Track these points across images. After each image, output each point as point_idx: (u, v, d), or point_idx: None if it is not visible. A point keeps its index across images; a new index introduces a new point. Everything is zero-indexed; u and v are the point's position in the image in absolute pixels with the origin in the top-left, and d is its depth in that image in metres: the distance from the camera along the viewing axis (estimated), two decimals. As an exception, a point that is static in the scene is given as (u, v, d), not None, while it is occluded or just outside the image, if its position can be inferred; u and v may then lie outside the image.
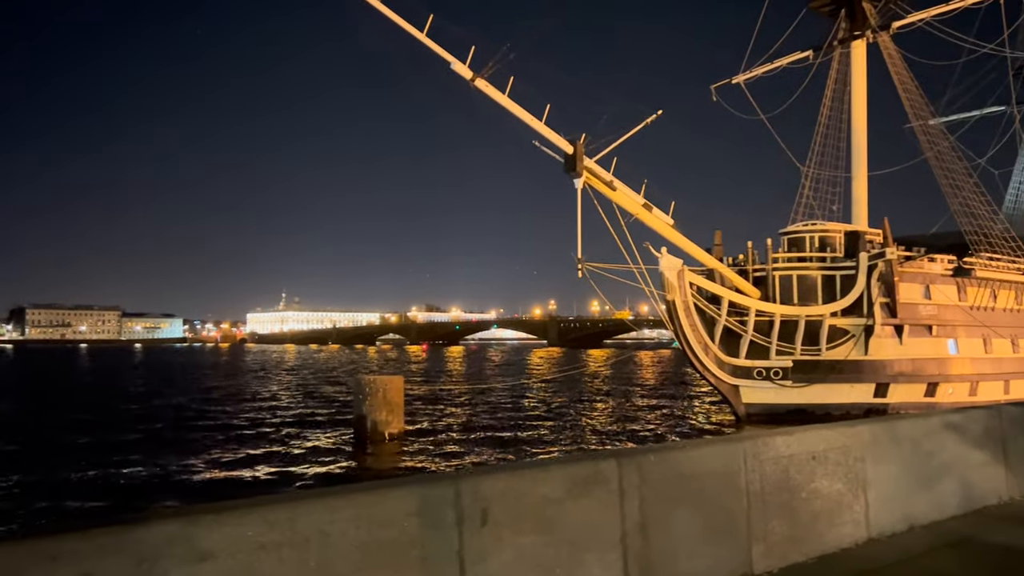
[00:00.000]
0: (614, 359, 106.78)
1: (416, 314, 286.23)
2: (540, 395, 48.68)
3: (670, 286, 33.88)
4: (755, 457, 6.29)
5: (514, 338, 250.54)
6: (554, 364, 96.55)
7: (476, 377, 69.28)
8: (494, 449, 26.55)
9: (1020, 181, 58.80)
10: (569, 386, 54.98)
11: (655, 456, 5.87)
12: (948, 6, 42.53)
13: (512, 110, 30.05)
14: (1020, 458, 8.58)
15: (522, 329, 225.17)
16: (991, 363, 39.88)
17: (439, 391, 50.25)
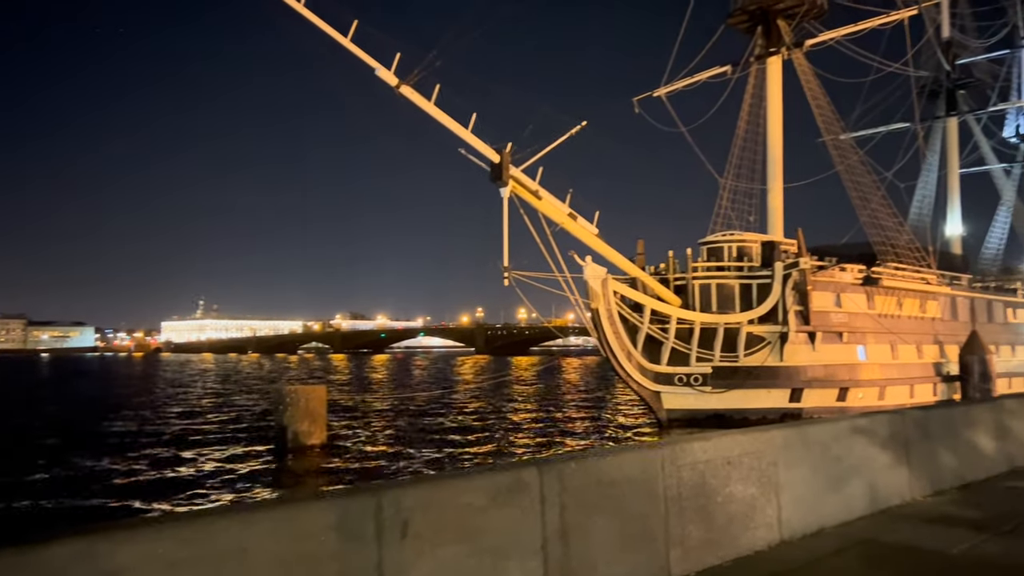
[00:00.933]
0: (540, 366, 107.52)
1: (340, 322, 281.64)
2: (466, 403, 48.58)
3: (594, 294, 34.36)
4: (673, 463, 6.43)
5: (441, 346, 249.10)
6: (481, 372, 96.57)
7: (401, 386, 68.69)
8: (418, 459, 26.35)
9: (924, 196, 61.88)
10: (495, 394, 55.05)
11: (576, 464, 5.94)
12: (857, 27, 44.63)
13: (438, 118, 30.03)
14: (922, 460, 9.02)
15: (449, 337, 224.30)
16: (897, 368, 41.81)
17: (363, 400, 49.62)
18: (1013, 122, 74.19)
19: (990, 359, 42.31)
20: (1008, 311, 54.67)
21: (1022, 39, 73.08)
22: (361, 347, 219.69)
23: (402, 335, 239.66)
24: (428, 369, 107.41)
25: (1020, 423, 11.23)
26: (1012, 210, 71.60)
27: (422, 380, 79.53)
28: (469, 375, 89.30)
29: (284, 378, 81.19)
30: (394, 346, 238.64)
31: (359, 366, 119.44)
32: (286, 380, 74.72)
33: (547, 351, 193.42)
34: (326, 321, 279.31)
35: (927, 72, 62.39)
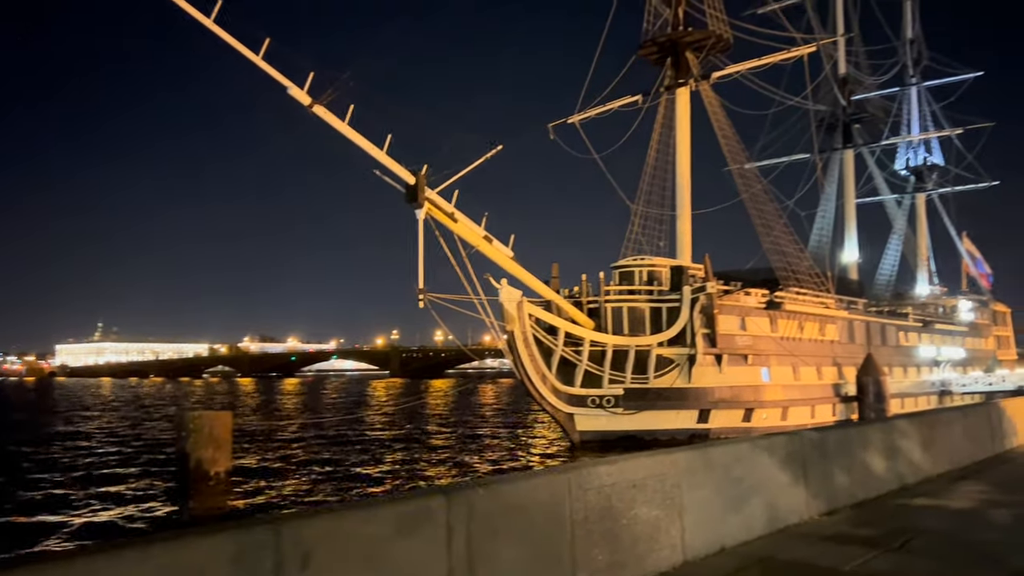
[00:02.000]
0: (456, 389, 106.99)
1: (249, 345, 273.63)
2: (378, 429, 47.82)
3: (510, 317, 34.50)
4: (580, 487, 6.47)
5: (354, 369, 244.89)
6: (395, 395, 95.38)
7: (311, 411, 67.08)
8: (326, 487, 25.72)
9: (823, 223, 64.91)
10: (409, 418, 54.41)
11: (484, 490, 5.91)
12: (760, 61, 46.69)
13: (352, 138, 29.74)
14: (819, 480, 9.36)
15: (363, 359, 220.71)
16: (799, 389, 43.48)
17: (271, 426, 48.21)
18: (903, 155, 78.84)
19: (884, 380, 44.40)
20: (900, 334, 57.72)
21: (911, 78, 78.00)
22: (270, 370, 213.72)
23: (314, 358, 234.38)
24: (340, 393, 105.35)
25: (910, 443, 11.81)
26: (903, 238, 75.88)
27: (333, 405, 77.91)
28: (383, 399, 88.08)
29: (187, 403, 78.18)
30: (305, 369, 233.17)
31: (268, 390, 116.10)
32: (189, 405, 71.96)
33: (463, 374, 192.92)
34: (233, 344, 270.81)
35: (825, 106, 65.76)
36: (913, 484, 11.20)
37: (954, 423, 13.54)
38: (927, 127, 78.03)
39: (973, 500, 10.19)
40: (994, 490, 10.90)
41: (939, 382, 57.88)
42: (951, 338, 66.24)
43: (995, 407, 16.39)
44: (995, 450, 15.00)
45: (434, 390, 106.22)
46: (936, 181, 78.99)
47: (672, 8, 45.37)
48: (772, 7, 57.28)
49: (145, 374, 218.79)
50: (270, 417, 58.11)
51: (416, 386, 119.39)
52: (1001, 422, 15.86)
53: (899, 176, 78.70)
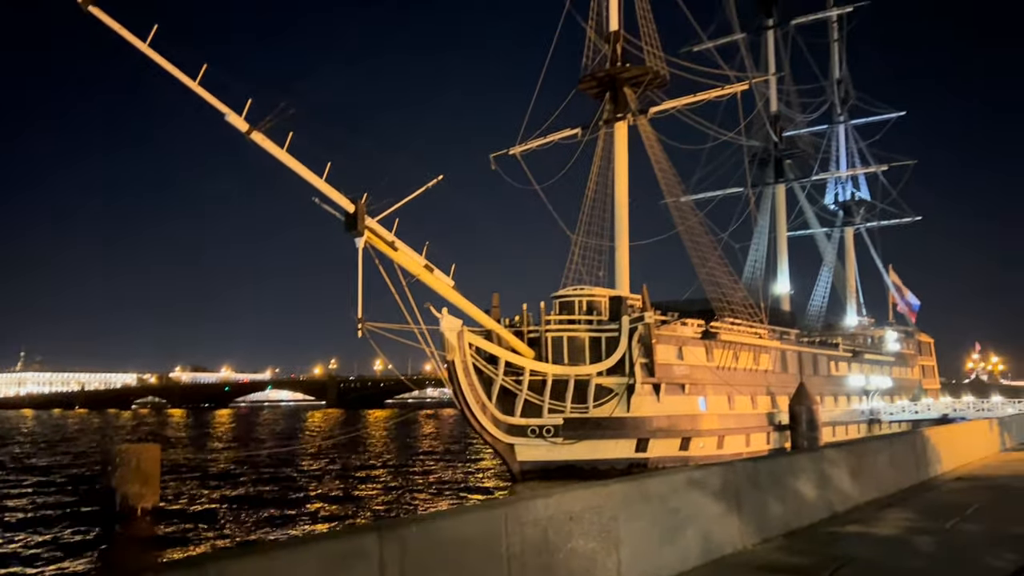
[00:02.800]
0: (395, 420, 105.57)
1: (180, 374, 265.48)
2: (312, 461, 46.79)
3: (450, 346, 34.31)
4: (516, 521, 6.40)
5: (290, 399, 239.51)
6: (331, 426, 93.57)
7: (244, 443, 65.27)
8: (256, 523, 24.97)
9: (756, 256, 66.63)
10: (346, 450, 53.40)
11: (418, 527, 5.80)
12: (696, 98, 47.97)
13: (291, 165, 29.41)
14: (752, 510, 9.48)
15: (299, 389, 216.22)
16: (735, 418, 44.21)
17: (201, 459, 46.74)
18: (832, 190, 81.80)
19: (816, 409, 45.54)
20: (831, 364, 59.37)
21: (839, 116, 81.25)
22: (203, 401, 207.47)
23: (248, 388, 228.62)
24: (275, 424, 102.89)
25: (839, 472, 12.08)
26: (832, 270, 78.40)
27: (267, 436, 76.02)
28: (319, 430, 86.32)
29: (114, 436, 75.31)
30: (239, 400, 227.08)
31: (199, 422, 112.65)
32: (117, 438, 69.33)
33: (403, 404, 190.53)
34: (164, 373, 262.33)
35: (758, 142, 67.87)
36: (843, 512, 11.44)
37: (881, 452, 13.92)
38: (854, 163, 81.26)
39: (899, 527, 10.45)
40: (919, 517, 11.20)
41: (868, 411, 59.65)
42: (879, 368, 68.43)
43: (919, 436, 16.92)
44: (920, 478, 15.45)
45: (372, 421, 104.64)
46: (863, 215, 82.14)
47: (611, 44, 46.40)
48: (707, 45, 59.21)
49: (70, 405, 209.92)
50: (201, 450, 56.31)
51: (354, 417, 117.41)
52: (925, 450, 16.37)
53: (828, 210, 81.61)
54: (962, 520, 10.99)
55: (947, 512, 11.60)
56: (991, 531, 10.17)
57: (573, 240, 46.88)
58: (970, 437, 21.69)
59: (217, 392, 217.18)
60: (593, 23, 46.61)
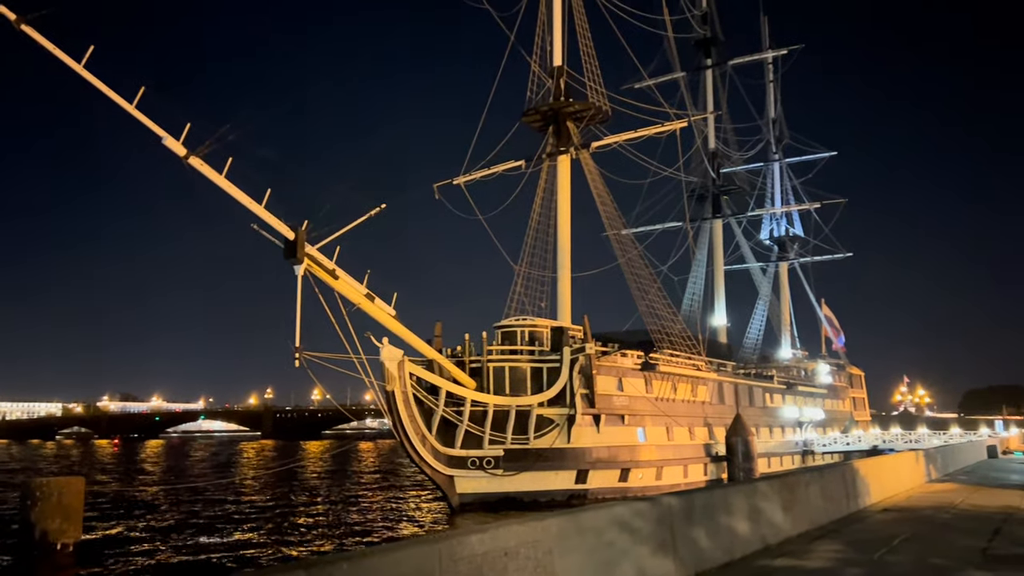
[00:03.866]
0: (333, 451, 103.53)
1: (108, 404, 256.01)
2: (244, 494, 45.50)
3: (390, 376, 33.96)
4: (450, 558, 6.33)
5: (224, 430, 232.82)
6: (266, 458, 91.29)
7: (174, 475, 63.14)
8: (184, 561, 24.11)
9: (694, 289, 67.99)
10: (281, 482, 52.11)
11: (348, 564, 5.68)
12: (636, 133, 49.04)
13: (230, 191, 28.94)
14: (686, 543, 9.56)
15: (234, 420, 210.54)
16: (673, 449, 44.67)
17: (129, 492, 45.00)
18: (767, 226, 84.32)
19: (752, 440, 46.39)
20: (766, 396, 60.60)
21: (774, 154, 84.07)
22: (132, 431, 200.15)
23: (180, 418, 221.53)
24: (207, 456, 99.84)
25: (771, 505, 12.28)
26: (768, 304, 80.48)
27: (199, 468, 73.72)
28: (253, 462, 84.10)
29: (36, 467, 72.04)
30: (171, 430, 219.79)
31: (128, 453, 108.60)
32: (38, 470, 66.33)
33: (341, 434, 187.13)
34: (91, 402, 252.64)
35: (696, 178, 69.70)
36: (775, 545, 11.61)
37: (812, 484, 14.21)
38: (788, 200, 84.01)
39: (829, 560, 10.65)
40: (848, 549, 11.44)
41: (802, 442, 60.96)
42: (812, 399, 70.12)
43: (849, 468, 17.34)
44: (850, 509, 15.81)
45: (309, 452, 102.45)
46: (797, 251, 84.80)
47: (554, 79, 47.22)
48: (648, 83, 60.73)
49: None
50: (129, 482, 54.25)
51: (290, 448, 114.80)
52: (855, 482, 16.78)
53: (764, 245, 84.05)
54: (888, 551, 11.27)
55: (875, 544, 11.88)
56: (915, 562, 10.45)
57: (516, 270, 47.18)
58: (898, 469, 22.32)
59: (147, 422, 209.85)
60: (537, 58, 47.45)
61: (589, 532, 8.01)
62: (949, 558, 10.65)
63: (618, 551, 8.29)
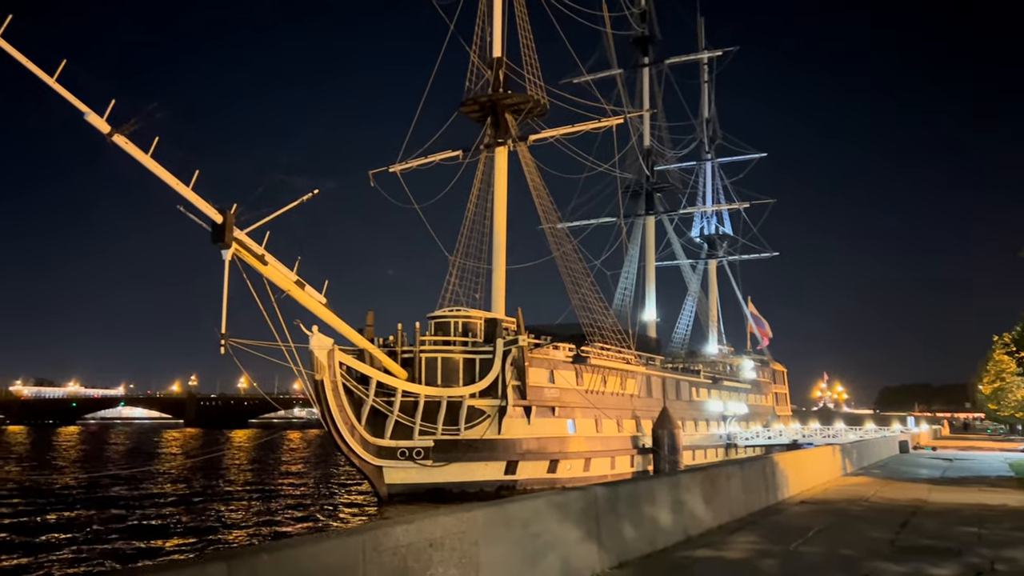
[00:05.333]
0: (259, 440, 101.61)
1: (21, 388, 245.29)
2: (165, 484, 44.30)
3: (319, 365, 33.43)
4: (374, 549, 6.27)
5: (145, 417, 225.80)
6: (189, 446, 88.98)
7: (92, 464, 60.98)
8: (97, 552, 23.35)
9: (626, 284, 68.95)
10: (204, 472, 50.90)
11: (270, 556, 5.57)
12: (574, 128, 49.34)
13: (155, 171, 27.93)
14: (610, 534, 9.70)
15: (156, 407, 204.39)
16: (601, 441, 45.30)
17: (40, 481, 43.28)
18: (698, 224, 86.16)
19: (678, 433, 47.45)
20: (693, 390, 62.00)
21: (706, 154, 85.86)
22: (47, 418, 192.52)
23: (99, 404, 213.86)
24: (127, 443, 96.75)
25: (693, 497, 12.57)
26: (696, 300, 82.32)
27: (118, 456, 71.39)
28: (175, 450, 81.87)
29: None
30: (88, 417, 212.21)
31: (42, 441, 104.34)
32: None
33: (268, 424, 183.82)
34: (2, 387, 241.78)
35: (631, 174, 70.60)
36: (696, 536, 11.90)
37: (733, 477, 14.59)
38: (719, 200, 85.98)
39: (747, 551, 10.97)
40: (765, 540, 11.81)
41: (726, 435, 62.60)
42: (736, 394, 72.06)
43: (769, 461, 17.87)
44: (769, 501, 16.31)
45: (235, 441, 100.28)
46: (726, 249, 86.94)
47: (493, 70, 47.11)
48: (586, 78, 61.09)
49: None
50: (41, 471, 52.15)
51: (215, 437, 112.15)
52: (774, 475, 17.31)
53: (694, 243, 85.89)
54: (804, 543, 11.67)
55: (791, 535, 12.28)
56: (828, 553, 10.85)
57: (451, 261, 47.01)
58: (815, 463, 23.12)
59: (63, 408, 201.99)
60: (477, 48, 47.23)
61: (515, 523, 8.05)
62: (859, 549, 11.09)
63: (544, 542, 8.36)
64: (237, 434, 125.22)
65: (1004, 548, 11.32)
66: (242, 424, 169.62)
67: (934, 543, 11.78)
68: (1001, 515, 15.31)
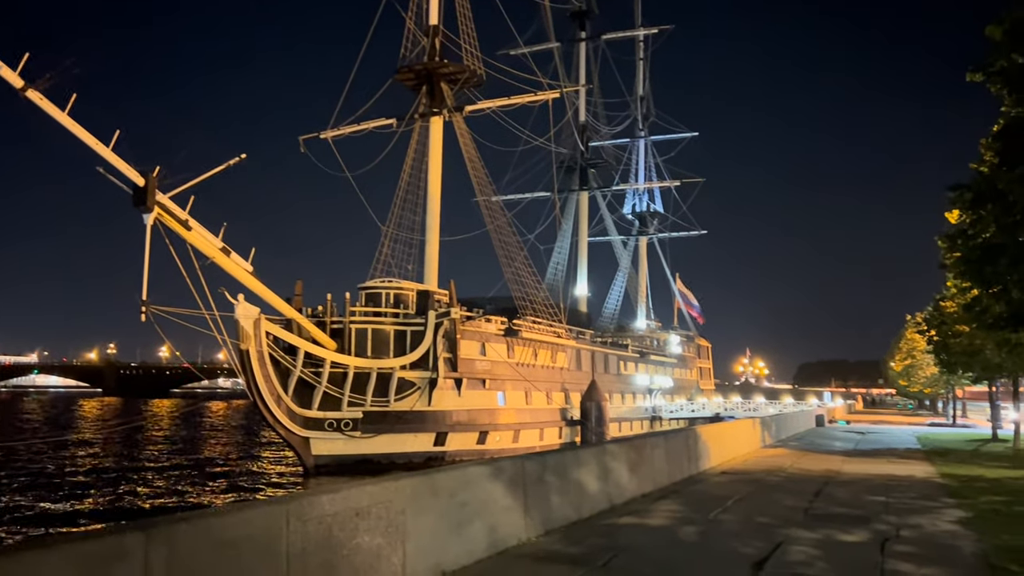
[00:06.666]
0: (182, 410, 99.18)
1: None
2: (84, 454, 42.90)
3: (245, 335, 32.76)
4: (299, 518, 6.19)
5: (61, 386, 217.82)
6: (108, 416, 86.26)
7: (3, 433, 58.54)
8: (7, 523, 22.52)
9: (559, 258, 69.42)
10: (121, 442, 49.46)
11: (189, 525, 5.43)
12: (510, 100, 49.09)
13: (73, 131, 26.70)
14: (537, 503, 9.82)
15: (72, 375, 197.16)
16: (530, 413, 45.81)
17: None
18: (630, 201, 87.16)
19: (605, 405, 48.33)
20: (621, 363, 63.13)
21: (640, 131, 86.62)
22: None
23: (10, 372, 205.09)
24: (41, 412, 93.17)
25: (619, 466, 12.83)
26: (627, 276, 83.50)
27: (31, 425, 68.71)
28: (92, 420, 79.26)
29: None
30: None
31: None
32: None
33: (192, 393, 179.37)
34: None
35: (566, 149, 70.78)
36: (621, 504, 12.15)
37: (657, 447, 14.94)
38: (651, 177, 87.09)
39: (669, 518, 11.27)
40: (686, 508, 12.15)
41: (651, 408, 64.09)
42: (663, 368, 73.71)
43: (692, 433, 18.36)
44: (691, 471, 16.78)
45: (157, 411, 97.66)
46: (656, 226, 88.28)
47: (429, 38, 46.39)
48: (523, 51, 60.72)
49: None
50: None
51: (135, 406, 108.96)
52: (697, 446, 17.80)
53: (626, 220, 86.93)
54: (723, 511, 12.05)
55: (711, 504, 12.66)
56: (745, 521, 11.23)
57: (384, 231, 46.47)
58: (736, 435, 23.87)
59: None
60: (413, 15, 46.40)
61: (443, 492, 8.06)
62: (775, 517, 11.51)
63: (471, 511, 8.41)
64: (159, 404, 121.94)
65: (909, 515, 11.93)
66: (164, 394, 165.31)
67: (845, 511, 12.32)
68: (907, 485, 16.11)
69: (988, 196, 12.20)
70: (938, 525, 11.11)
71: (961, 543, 9.81)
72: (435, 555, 7.70)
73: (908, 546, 9.57)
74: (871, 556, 8.95)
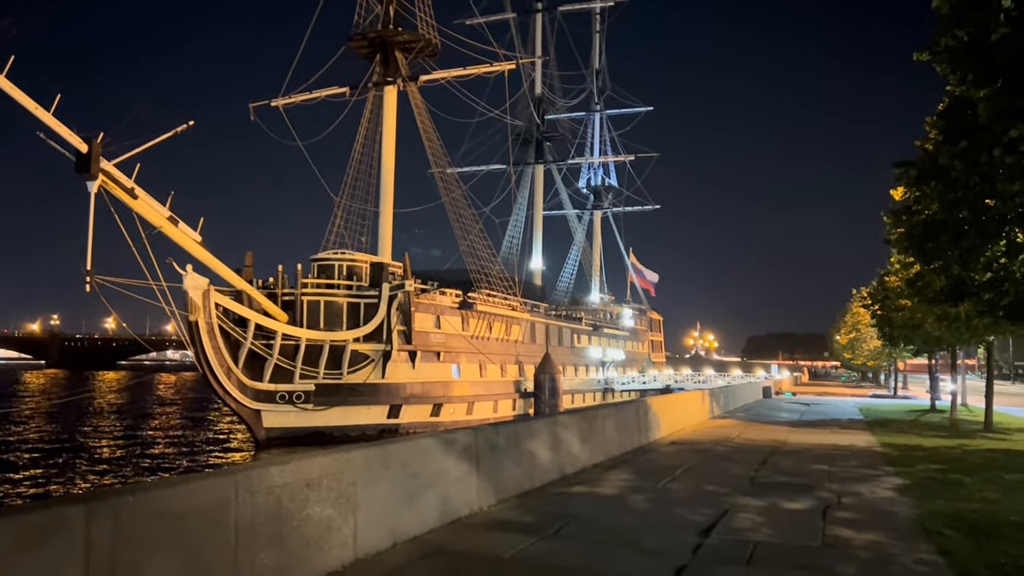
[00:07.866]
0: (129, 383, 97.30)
1: None
2: (23, 427, 41.86)
3: (194, 306, 32.22)
4: (248, 489, 6.12)
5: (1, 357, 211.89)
6: (52, 389, 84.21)
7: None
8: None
9: (514, 232, 69.43)
10: (66, 415, 48.36)
11: (134, 497, 5.33)
12: (465, 71, 48.64)
13: (12, 94, 25.81)
14: (489, 472, 9.88)
15: (13, 347, 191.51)
16: (484, 385, 46.02)
17: None
18: (585, 175, 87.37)
19: (559, 378, 48.73)
20: (574, 336, 63.64)
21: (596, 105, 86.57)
22: None
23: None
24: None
25: (571, 436, 12.96)
26: (581, 250, 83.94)
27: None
28: (35, 392, 77.31)
29: None
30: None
31: None
32: None
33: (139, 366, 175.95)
34: None
35: (522, 122, 70.49)
36: (572, 474, 12.30)
37: (609, 418, 15.13)
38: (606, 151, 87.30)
39: (619, 487, 11.45)
40: (636, 478, 12.35)
41: (604, 380, 64.84)
42: (615, 341, 74.52)
43: (642, 404, 18.63)
44: (641, 442, 17.05)
45: (103, 383, 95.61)
46: (611, 201, 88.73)
47: (384, 6, 45.57)
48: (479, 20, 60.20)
49: None
50: None
51: (81, 379, 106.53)
52: (647, 417, 18.08)
53: (581, 193, 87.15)
54: (672, 480, 12.28)
55: (660, 473, 12.90)
56: (693, 489, 11.47)
57: (336, 202, 45.89)
58: (686, 406, 24.29)
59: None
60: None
61: (395, 463, 8.05)
62: (722, 485, 11.78)
63: (423, 481, 8.41)
64: (105, 376, 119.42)
65: (851, 484, 12.30)
66: (111, 366, 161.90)
67: (790, 479, 12.66)
68: (849, 454, 16.61)
69: (931, 173, 12.48)
70: (877, 492, 11.48)
71: (898, 509, 10.16)
72: (387, 525, 7.70)
73: (849, 512, 9.88)
74: (814, 522, 9.22)
